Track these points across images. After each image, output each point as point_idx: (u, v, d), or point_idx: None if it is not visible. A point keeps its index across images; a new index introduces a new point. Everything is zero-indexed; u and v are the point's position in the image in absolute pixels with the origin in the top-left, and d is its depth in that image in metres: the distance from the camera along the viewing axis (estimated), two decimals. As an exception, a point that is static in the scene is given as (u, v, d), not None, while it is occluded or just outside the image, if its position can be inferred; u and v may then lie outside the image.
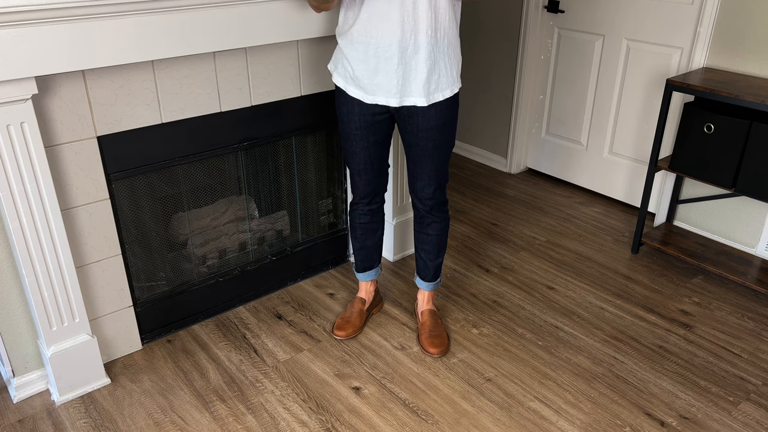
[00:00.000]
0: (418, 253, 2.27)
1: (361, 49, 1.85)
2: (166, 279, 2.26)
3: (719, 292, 2.61)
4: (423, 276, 2.30)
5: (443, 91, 1.91)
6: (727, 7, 2.60)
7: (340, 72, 1.95)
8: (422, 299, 2.34)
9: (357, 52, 1.87)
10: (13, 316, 1.96)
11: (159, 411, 1.99)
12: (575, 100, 3.38)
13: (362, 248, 2.30)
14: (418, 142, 1.99)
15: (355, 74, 1.90)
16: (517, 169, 3.77)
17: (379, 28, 1.80)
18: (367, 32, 1.82)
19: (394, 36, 1.80)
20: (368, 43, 1.83)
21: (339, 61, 1.95)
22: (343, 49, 1.91)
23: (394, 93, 1.88)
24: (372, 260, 2.33)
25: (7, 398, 2.04)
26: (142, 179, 2.08)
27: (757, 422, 1.97)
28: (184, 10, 1.84)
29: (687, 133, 2.54)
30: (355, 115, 1.98)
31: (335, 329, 2.30)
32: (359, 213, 2.23)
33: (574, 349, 2.27)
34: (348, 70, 1.92)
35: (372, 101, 1.92)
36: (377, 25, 1.79)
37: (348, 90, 1.94)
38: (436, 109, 1.92)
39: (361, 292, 2.39)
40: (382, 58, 1.84)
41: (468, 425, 1.95)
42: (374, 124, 1.99)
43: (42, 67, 1.65)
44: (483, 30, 3.64)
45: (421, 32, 1.80)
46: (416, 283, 2.34)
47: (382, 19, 1.78)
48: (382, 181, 2.16)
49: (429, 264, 2.26)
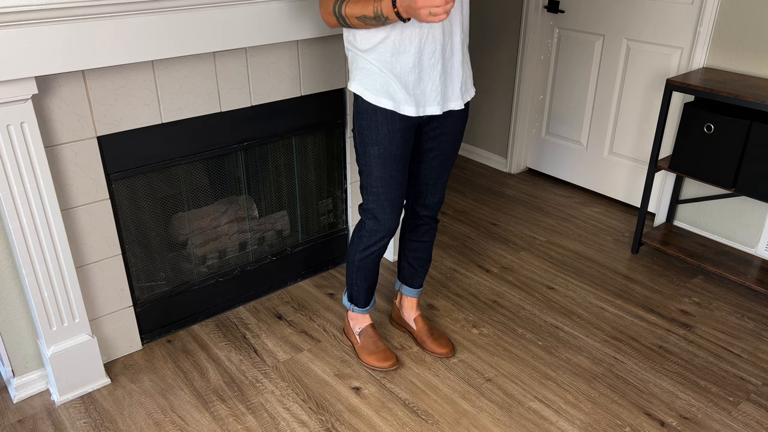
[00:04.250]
0: (408, 261, 2.21)
1: (405, 60, 1.73)
2: (166, 279, 2.26)
3: (719, 292, 2.61)
4: (413, 284, 2.25)
5: (470, 90, 1.90)
6: (727, 7, 2.60)
7: (379, 90, 1.77)
8: (411, 306, 2.30)
9: (401, 64, 1.74)
10: (13, 316, 1.96)
11: (159, 411, 1.99)
12: (575, 100, 3.38)
13: (371, 286, 2.13)
14: (440, 146, 1.93)
15: (399, 88, 1.76)
16: (517, 169, 3.77)
17: (422, 36, 1.71)
18: (411, 42, 1.71)
19: (437, 41, 1.73)
20: (412, 52, 1.72)
21: (374, 79, 1.77)
22: (377, 64, 1.75)
23: (439, 100, 1.81)
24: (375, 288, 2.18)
25: (7, 398, 2.04)
26: (142, 179, 2.08)
27: (757, 422, 1.97)
28: (184, 10, 1.84)
29: (687, 133, 2.55)
30: (397, 133, 1.81)
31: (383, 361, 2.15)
32: (378, 253, 2.00)
33: (574, 349, 2.27)
34: (389, 86, 1.77)
35: (421, 113, 1.81)
36: (419, 32, 1.71)
37: (399, 108, 1.78)
38: (461, 111, 1.91)
39: (365, 320, 2.24)
40: (426, 67, 1.75)
41: (468, 425, 1.95)
42: (410, 139, 1.86)
43: (42, 67, 1.65)
44: (483, 30, 3.64)
45: (456, 35, 1.76)
46: (402, 292, 2.29)
47: (423, 26, 1.70)
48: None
49: (420, 271, 2.22)
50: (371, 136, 1.82)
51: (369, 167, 1.87)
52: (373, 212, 1.93)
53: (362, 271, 2.06)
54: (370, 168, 1.87)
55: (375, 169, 1.86)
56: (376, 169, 1.86)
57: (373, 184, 1.88)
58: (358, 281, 2.10)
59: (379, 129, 1.81)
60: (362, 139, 1.85)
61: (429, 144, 1.93)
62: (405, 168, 1.89)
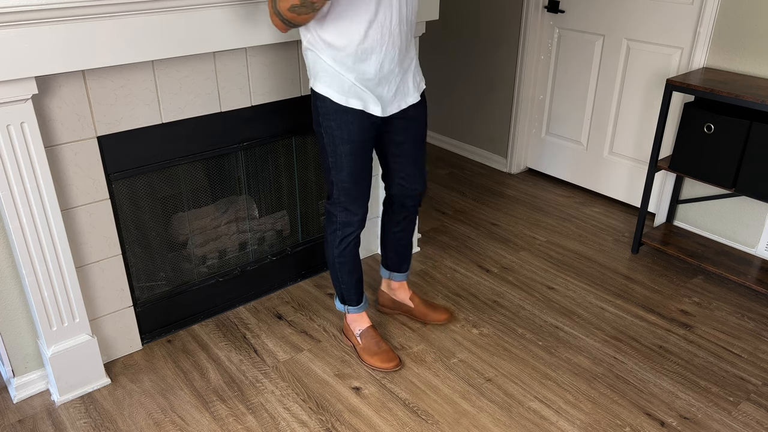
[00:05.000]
0: (395, 252, 2.28)
1: (366, 69, 1.78)
2: (166, 279, 2.26)
3: (719, 292, 2.61)
4: (402, 269, 2.33)
5: (421, 83, 1.99)
6: (727, 7, 2.60)
7: (347, 91, 1.81)
8: (404, 288, 2.39)
9: (362, 72, 1.79)
10: (13, 316, 1.96)
11: (159, 411, 1.99)
12: (575, 100, 3.38)
13: (359, 280, 2.15)
14: (410, 135, 2.00)
15: (364, 89, 1.82)
16: (517, 169, 3.77)
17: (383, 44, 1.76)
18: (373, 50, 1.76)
19: (396, 48, 1.80)
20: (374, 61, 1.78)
21: (341, 80, 1.80)
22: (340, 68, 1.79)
23: (398, 100, 1.90)
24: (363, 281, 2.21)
25: (7, 398, 2.04)
26: (142, 179, 2.08)
27: (757, 422, 1.97)
28: (184, 10, 1.84)
29: (687, 133, 2.55)
30: (366, 129, 1.87)
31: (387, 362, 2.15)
32: (354, 242, 2.06)
33: (574, 349, 2.27)
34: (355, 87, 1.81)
35: (386, 113, 1.89)
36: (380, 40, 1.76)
37: (367, 107, 1.83)
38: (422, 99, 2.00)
39: (365, 321, 2.24)
40: (386, 73, 1.82)
41: (468, 425, 1.95)
42: (375, 132, 1.93)
43: (42, 67, 1.65)
44: (483, 30, 3.64)
45: (410, 32, 1.85)
46: (393, 279, 2.36)
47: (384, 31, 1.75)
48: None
49: (408, 255, 2.31)
50: (342, 135, 1.85)
51: (339, 164, 1.90)
52: (344, 204, 1.98)
53: (344, 265, 2.09)
54: (340, 165, 1.90)
55: (346, 165, 1.90)
56: (347, 165, 1.90)
57: (344, 179, 1.92)
58: (344, 277, 2.12)
59: (350, 128, 1.85)
60: (331, 138, 1.87)
61: (400, 137, 2.00)
62: (371, 159, 1.95)
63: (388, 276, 2.37)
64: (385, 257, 2.34)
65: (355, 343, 2.23)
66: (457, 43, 3.82)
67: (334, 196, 1.97)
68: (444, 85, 4.01)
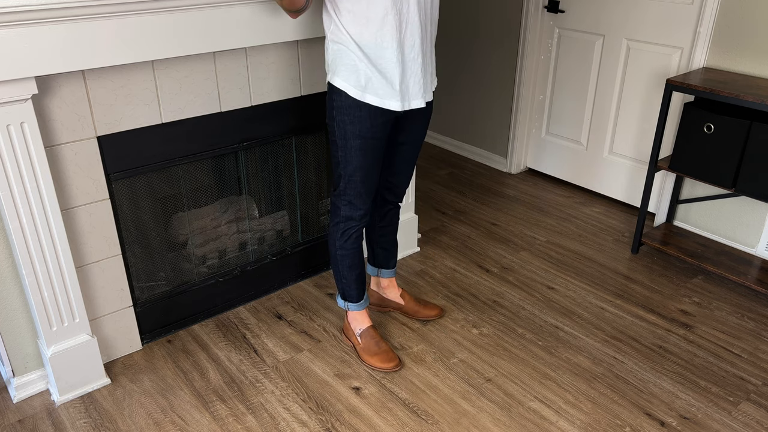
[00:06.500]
0: (381, 247, 2.30)
1: (387, 55, 1.77)
2: (166, 279, 2.26)
3: (719, 292, 2.61)
4: (389, 265, 2.35)
5: (435, 81, 1.98)
6: (727, 7, 2.60)
7: (364, 86, 1.81)
8: (393, 285, 2.41)
9: (384, 59, 1.77)
10: (13, 316, 1.96)
11: (159, 411, 1.99)
12: (575, 100, 3.38)
13: (359, 275, 2.15)
14: (413, 138, 2.02)
15: (384, 84, 1.80)
16: (517, 169, 3.77)
17: (401, 29, 1.76)
18: (392, 35, 1.75)
19: (416, 35, 1.78)
20: (394, 47, 1.76)
21: (358, 75, 1.80)
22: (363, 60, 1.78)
23: (422, 93, 1.88)
24: (365, 279, 2.22)
25: (7, 398, 2.04)
26: (142, 179, 2.08)
27: (757, 422, 1.97)
28: (184, 10, 1.84)
29: (687, 133, 2.54)
30: (379, 126, 1.86)
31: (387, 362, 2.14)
32: (356, 236, 2.06)
33: (574, 349, 2.27)
34: (373, 82, 1.80)
35: (406, 107, 1.86)
36: (398, 26, 1.74)
37: (384, 103, 1.82)
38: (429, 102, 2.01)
39: (365, 320, 2.23)
40: (408, 60, 1.80)
41: (468, 425, 1.95)
42: (389, 129, 1.91)
43: (42, 67, 1.65)
44: (483, 30, 3.64)
45: (433, 25, 1.84)
46: (381, 276, 2.38)
47: (403, 20, 1.75)
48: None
49: (394, 251, 2.33)
50: (354, 130, 1.86)
51: (348, 158, 1.91)
52: (349, 198, 1.99)
53: (346, 258, 2.09)
54: (349, 159, 1.91)
55: (355, 159, 1.91)
56: (356, 160, 1.91)
57: (352, 173, 1.94)
58: (344, 271, 2.12)
59: (363, 123, 1.85)
60: (343, 132, 1.88)
61: (402, 138, 2.01)
62: (382, 156, 1.96)
63: (376, 273, 2.39)
64: (372, 254, 2.35)
65: (355, 343, 2.23)
66: (457, 42, 3.82)
67: (340, 188, 1.99)
68: (444, 85, 4.02)
